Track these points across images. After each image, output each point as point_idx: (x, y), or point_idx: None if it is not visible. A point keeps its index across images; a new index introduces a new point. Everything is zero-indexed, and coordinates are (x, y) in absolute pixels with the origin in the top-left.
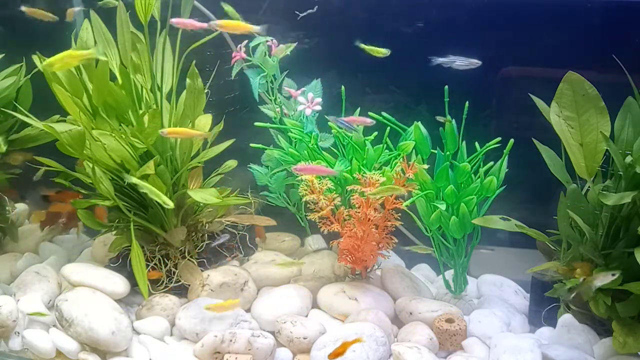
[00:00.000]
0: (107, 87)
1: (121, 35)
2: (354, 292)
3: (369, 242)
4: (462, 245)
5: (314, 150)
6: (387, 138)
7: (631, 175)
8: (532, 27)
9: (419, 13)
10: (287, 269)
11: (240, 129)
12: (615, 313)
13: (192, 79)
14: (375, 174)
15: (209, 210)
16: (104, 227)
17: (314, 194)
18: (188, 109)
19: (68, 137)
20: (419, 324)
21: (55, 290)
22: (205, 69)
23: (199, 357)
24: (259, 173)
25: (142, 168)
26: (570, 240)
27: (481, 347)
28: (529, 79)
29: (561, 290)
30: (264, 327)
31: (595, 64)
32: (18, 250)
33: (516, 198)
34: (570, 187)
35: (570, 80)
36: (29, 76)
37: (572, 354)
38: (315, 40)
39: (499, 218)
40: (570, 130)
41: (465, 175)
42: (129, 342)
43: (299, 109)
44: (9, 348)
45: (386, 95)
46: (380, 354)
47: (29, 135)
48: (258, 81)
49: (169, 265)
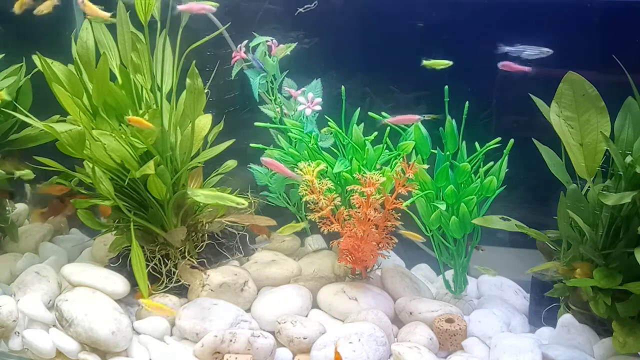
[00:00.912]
0: (107, 87)
1: (121, 35)
2: (354, 292)
3: (369, 242)
4: (462, 245)
5: (314, 150)
6: (387, 138)
7: (631, 175)
8: (531, 27)
9: (419, 13)
10: (287, 269)
11: (240, 129)
12: (615, 313)
13: (192, 79)
14: (375, 173)
15: (209, 210)
16: (104, 227)
17: (314, 194)
18: (188, 109)
19: (68, 137)
20: (419, 324)
21: (55, 290)
22: (205, 69)
23: (199, 357)
24: (259, 173)
25: (142, 168)
26: (570, 240)
27: (481, 347)
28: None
29: (561, 290)
30: (264, 327)
31: (595, 64)
32: (18, 250)
33: (516, 198)
34: (570, 187)
35: (570, 80)
36: (29, 76)
37: (572, 354)
38: (315, 40)
39: (499, 218)
40: (570, 130)
41: (465, 175)
42: (129, 342)
43: (299, 109)
44: (9, 348)
45: (386, 95)
46: (380, 354)
47: (29, 135)
48: (258, 81)
49: (169, 265)
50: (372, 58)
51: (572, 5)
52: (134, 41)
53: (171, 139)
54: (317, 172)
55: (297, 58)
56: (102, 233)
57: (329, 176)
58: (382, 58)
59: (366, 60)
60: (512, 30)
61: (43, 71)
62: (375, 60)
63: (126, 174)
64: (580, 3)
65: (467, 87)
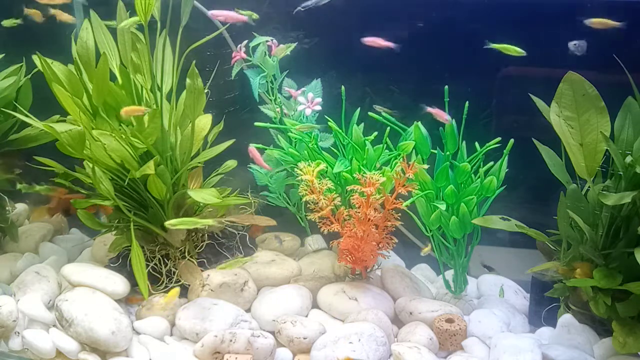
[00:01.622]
0: (107, 87)
1: (121, 35)
2: (354, 292)
3: (369, 242)
4: (462, 245)
5: (314, 150)
6: (387, 138)
7: (631, 175)
8: (531, 27)
9: (420, 13)
10: (287, 269)
11: (240, 129)
12: (615, 313)
13: (192, 79)
14: (375, 173)
15: (209, 210)
16: (104, 227)
17: (314, 194)
18: (188, 109)
19: (68, 137)
20: (419, 324)
21: (55, 290)
22: (205, 69)
23: (199, 357)
24: (259, 173)
25: (142, 168)
26: (570, 240)
27: (481, 347)
28: (529, 79)
29: (561, 290)
30: (264, 327)
31: (595, 64)
32: (18, 250)
33: (516, 198)
34: (570, 187)
35: (570, 80)
36: (29, 76)
37: (572, 354)
38: (315, 40)
39: (499, 218)
40: (570, 130)
41: (465, 175)
42: (129, 342)
43: (299, 109)
44: (9, 348)
45: (386, 95)
46: (380, 354)
47: (29, 135)
48: (258, 81)
49: (169, 265)
50: (372, 58)
51: (572, 4)
52: (134, 41)
53: (171, 139)
54: (317, 172)
55: (297, 58)
56: (102, 233)
57: (329, 176)
58: (382, 58)
59: (366, 60)
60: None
61: (43, 71)
62: (376, 60)
63: (126, 174)
64: (580, 3)
65: (467, 87)
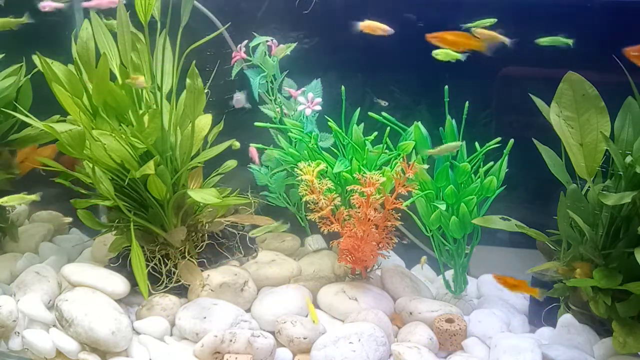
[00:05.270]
0: (107, 87)
1: (121, 35)
2: (354, 292)
3: (369, 242)
4: (462, 246)
5: (314, 150)
6: (387, 138)
7: (631, 175)
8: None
9: (420, 12)
10: (287, 269)
11: (240, 129)
12: (615, 313)
13: (192, 79)
14: (375, 173)
15: (209, 210)
16: (104, 227)
17: (314, 194)
18: (188, 109)
19: (68, 137)
20: (419, 324)
21: (55, 290)
22: (205, 69)
23: (199, 357)
24: (259, 173)
25: (142, 168)
26: (570, 240)
27: (481, 347)
28: (529, 79)
29: (561, 290)
30: (264, 327)
31: (595, 64)
32: (18, 250)
33: (516, 198)
34: (570, 187)
35: (570, 80)
36: (29, 76)
37: (572, 354)
38: (315, 40)
39: (499, 218)
40: (570, 130)
41: (465, 175)
42: (129, 342)
43: (299, 109)
44: (9, 348)
45: (386, 96)
46: (380, 354)
47: (29, 135)
48: (258, 81)
49: (169, 265)
50: (372, 58)
51: (572, 4)
52: (134, 41)
53: (171, 139)
54: (317, 172)
55: (297, 58)
56: (102, 233)
57: (329, 176)
58: (382, 58)
59: (366, 60)
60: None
61: (43, 71)
62: (376, 61)
63: (126, 174)
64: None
65: (467, 87)
